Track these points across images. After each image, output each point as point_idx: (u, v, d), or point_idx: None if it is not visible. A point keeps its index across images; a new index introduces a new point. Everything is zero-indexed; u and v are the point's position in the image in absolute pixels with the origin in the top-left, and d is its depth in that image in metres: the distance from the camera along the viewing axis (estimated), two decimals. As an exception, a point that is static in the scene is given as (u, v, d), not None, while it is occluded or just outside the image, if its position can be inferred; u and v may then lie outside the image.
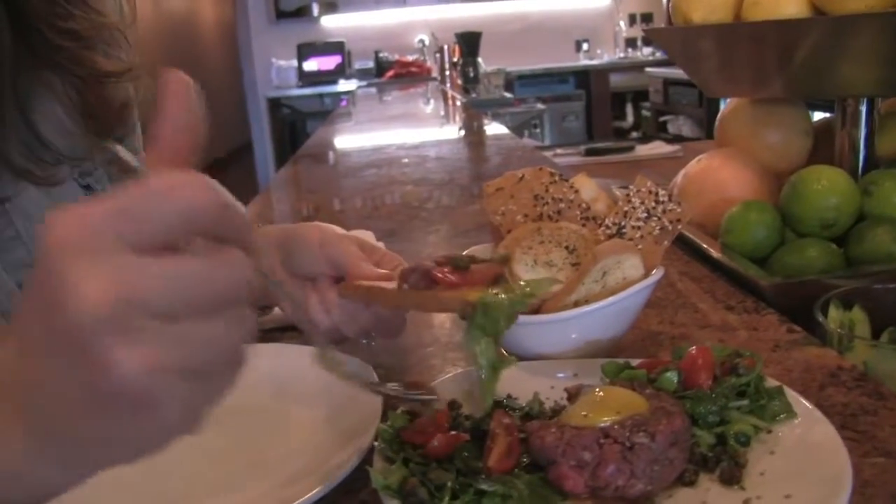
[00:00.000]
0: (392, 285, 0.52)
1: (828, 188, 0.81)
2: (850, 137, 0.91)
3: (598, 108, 6.23)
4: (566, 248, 0.56)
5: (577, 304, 0.54)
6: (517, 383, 0.54)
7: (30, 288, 0.29)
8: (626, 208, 0.60)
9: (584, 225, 0.59)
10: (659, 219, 0.59)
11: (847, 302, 0.71)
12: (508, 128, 2.90)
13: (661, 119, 5.35)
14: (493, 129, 2.70)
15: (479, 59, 4.45)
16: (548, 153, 2.05)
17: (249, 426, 0.57)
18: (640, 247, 0.57)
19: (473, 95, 4.20)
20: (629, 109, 6.33)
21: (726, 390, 0.48)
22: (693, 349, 0.51)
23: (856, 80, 0.83)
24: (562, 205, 0.60)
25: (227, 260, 0.29)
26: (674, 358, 0.52)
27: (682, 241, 0.91)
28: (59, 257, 0.27)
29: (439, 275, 0.48)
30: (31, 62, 0.58)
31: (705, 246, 0.86)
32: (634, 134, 5.96)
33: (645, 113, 5.86)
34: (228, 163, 7.37)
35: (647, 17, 6.83)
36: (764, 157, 0.95)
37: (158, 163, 0.31)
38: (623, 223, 0.59)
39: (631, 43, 6.74)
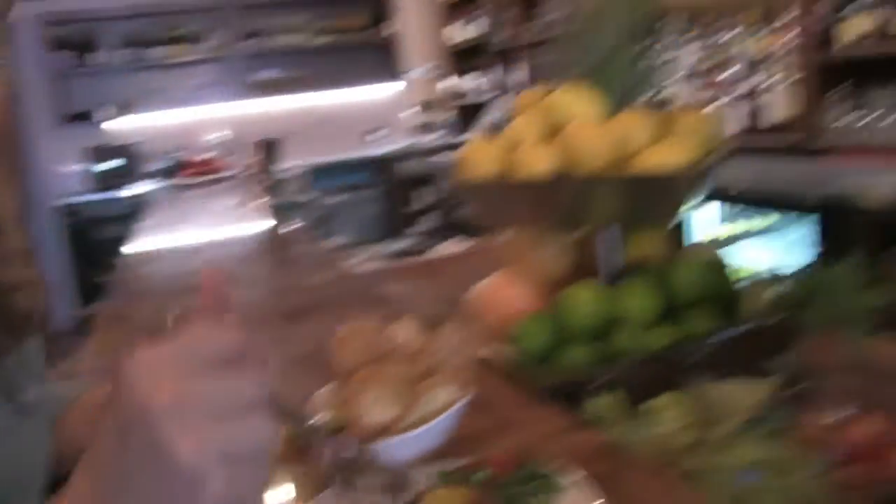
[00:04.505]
0: None
1: (584, 301, 1.05)
2: (603, 252, 1.16)
3: (391, 195, 6.53)
4: (398, 384, 0.75)
5: (410, 427, 0.73)
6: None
7: (113, 398, 0.46)
8: (437, 346, 0.80)
9: (410, 363, 0.79)
10: (463, 350, 0.80)
11: (609, 388, 0.94)
12: (308, 221, 3.07)
13: (452, 203, 5.69)
14: (294, 227, 2.85)
15: (279, 160, 4.60)
16: (353, 259, 2.24)
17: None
18: (452, 374, 0.78)
19: (274, 197, 4.34)
20: (420, 195, 6.65)
21: (520, 478, 0.69)
22: (496, 449, 0.71)
23: (601, 217, 1.09)
24: (391, 348, 0.80)
25: (248, 376, 0.47)
26: (482, 459, 0.71)
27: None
28: (138, 376, 0.45)
29: None
30: None
31: (498, 356, 1.07)
32: (428, 216, 6.28)
33: (435, 198, 6.19)
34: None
35: (431, 104, 7.25)
36: (539, 271, 1.19)
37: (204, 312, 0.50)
38: (437, 359, 0.79)
39: (418, 130, 7.12)
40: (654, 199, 1.01)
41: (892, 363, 1.01)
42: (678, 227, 1.23)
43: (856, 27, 3.15)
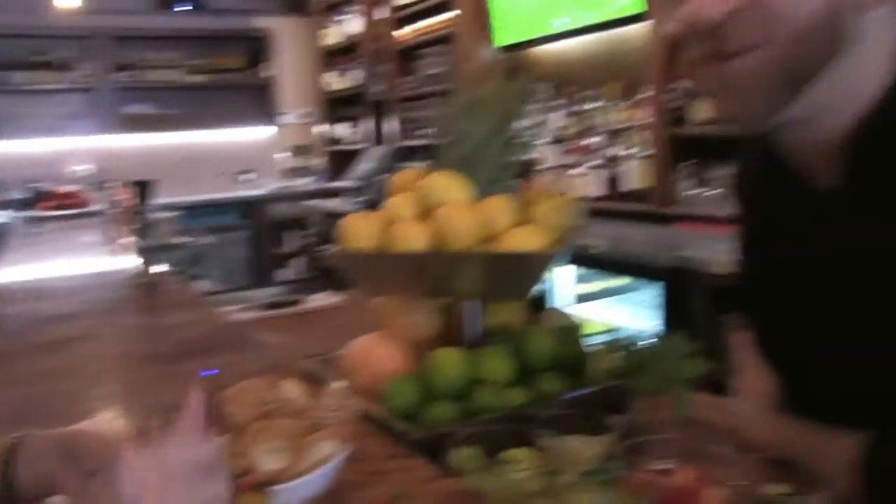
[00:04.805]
0: None
1: (448, 363, 1.18)
2: (467, 320, 1.30)
3: (261, 237, 6.56)
4: (285, 438, 0.86)
5: (298, 476, 0.84)
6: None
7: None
8: (320, 404, 0.91)
9: (295, 418, 0.89)
10: (342, 409, 0.91)
11: (470, 442, 1.06)
12: (178, 262, 3.09)
13: (324, 247, 5.76)
14: (163, 269, 2.87)
15: (150, 200, 4.58)
16: (226, 307, 2.29)
17: None
18: (334, 429, 0.88)
19: (143, 237, 4.31)
20: (291, 238, 6.70)
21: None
22: (371, 496, 0.82)
23: (466, 289, 1.22)
24: (278, 405, 0.90)
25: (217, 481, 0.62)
26: None
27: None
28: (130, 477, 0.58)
29: None
30: None
31: (372, 411, 1.18)
32: (298, 259, 6.35)
33: (306, 241, 6.27)
34: None
35: (304, 149, 7.32)
36: (409, 334, 1.31)
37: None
38: (320, 416, 0.90)
39: (290, 173, 7.18)
40: (514, 275, 1.16)
41: (710, 421, 1.18)
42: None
43: (704, 108, 3.45)
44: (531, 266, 1.15)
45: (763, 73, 0.84)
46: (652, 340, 1.25)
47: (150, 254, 3.43)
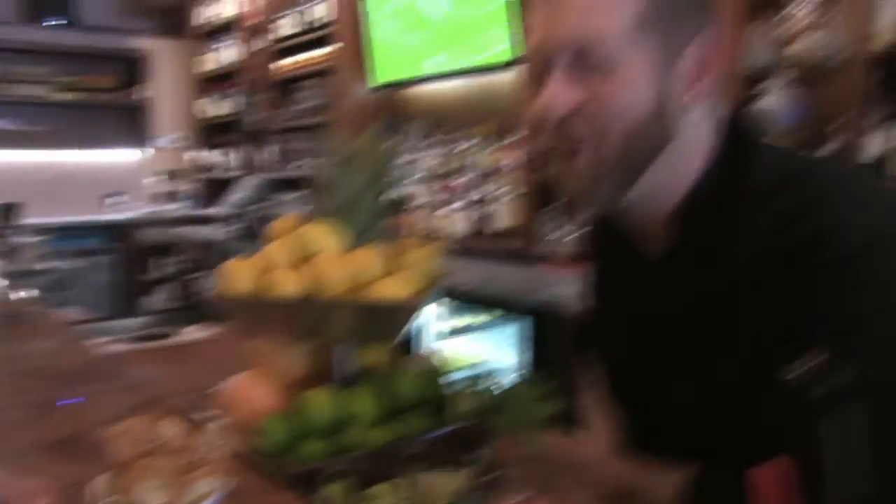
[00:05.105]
0: None
1: (320, 403, 1.26)
2: (339, 362, 1.37)
3: (129, 263, 6.42)
4: (167, 475, 0.91)
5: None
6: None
7: None
8: (200, 441, 0.97)
9: (176, 455, 0.95)
10: (219, 447, 0.97)
11: (340, 477, 1.13)
12: (42, 287, 3.02)
13: (193, 276, 5.72)
14: (25, 295, 2.78)
15: (13, 223, 4.45)
16: (96, 339, 2.27)
17: None
18: (213, 466, 0.95)
19: (4, 262, 4.19)
20: (160, 264, 6.59)
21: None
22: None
23: (337, 334, 1.30)
24: (160, 443, 0.96)
25: None
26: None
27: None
28: None
29: None
30: None
31: (247, 448, 1.24)
32: (167, 286, 6.25)
33: (176, 268, 6.19)
34: None
35: (176, 175, 7.22)
36: (283, 374, 1.38)
37: None
38: (199, 453, 0.96)
39: (161, 198, 7.06)
40: (382, 322, 1.25)
41: (561, 457, 1.30)
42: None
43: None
44: (398, 314, 1.25)
45: (599, 164, 1.00)
46: (510, 381, 1.36)
47: (11, 279, 3.34)
